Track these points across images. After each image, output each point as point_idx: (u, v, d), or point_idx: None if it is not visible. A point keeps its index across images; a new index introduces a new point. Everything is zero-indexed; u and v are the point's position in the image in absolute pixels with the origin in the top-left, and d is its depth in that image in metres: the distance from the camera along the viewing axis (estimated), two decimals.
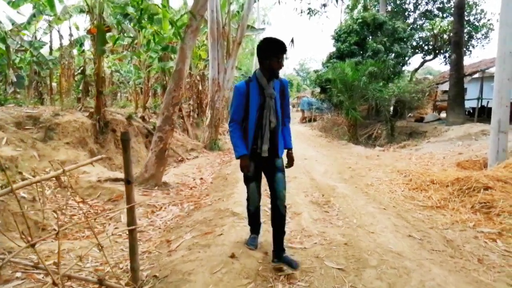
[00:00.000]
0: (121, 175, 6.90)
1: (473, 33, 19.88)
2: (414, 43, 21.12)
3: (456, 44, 12.56)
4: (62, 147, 7.26)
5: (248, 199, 3.40)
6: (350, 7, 23.76)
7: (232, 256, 3.22)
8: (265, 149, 3.03)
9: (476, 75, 15.09)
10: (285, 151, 3.31)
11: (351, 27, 15.76)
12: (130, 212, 2.93)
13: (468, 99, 14.66)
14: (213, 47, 11.73)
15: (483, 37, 19.97)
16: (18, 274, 3.17)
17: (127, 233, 3.21)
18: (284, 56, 2.95)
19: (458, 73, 12.55)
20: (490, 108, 14.53)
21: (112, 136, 8.66)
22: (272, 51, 2.88)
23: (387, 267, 3.15)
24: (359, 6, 23.54)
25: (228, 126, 3.15)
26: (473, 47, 20.05)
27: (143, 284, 2.90)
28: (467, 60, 19.61)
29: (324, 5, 11.91)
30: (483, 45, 21.45)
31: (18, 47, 12.94)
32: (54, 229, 4.60)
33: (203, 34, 15.26)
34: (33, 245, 2.32)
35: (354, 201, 5.54)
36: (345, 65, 13.19)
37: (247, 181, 3.28)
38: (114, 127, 8.80)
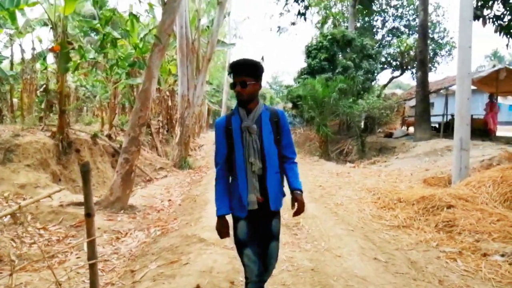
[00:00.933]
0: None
1: (438, 51, 20.84)
2: (383, 59, 21.89)
3: (421, 62, 13.07)
4: (22, 169, 6.94)
5: (245, 273, 2.38)
6: (320, 23, 24.33)
7: (197, 287, 3.13)
8: (251, 200, 2.31)
9: (441, 92, 15.72)
10: (283, 193, 2.54)
11: (321, 43, 16.13)
12: (91, 245, 2.80)
13: (434, 115, 15.21)
14: (182, 63, 11.67)
15: (447, 54, 20.99)
16: None
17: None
18: (250, 79, 2.30)
19: (424, 90, 13.04)
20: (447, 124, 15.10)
21: (76, 156, 8.37)
22: (233, 73, 2.34)
23: None
24: (329, 22, 24.18)
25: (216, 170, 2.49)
26: (438, 63, 21.07)
27: None
28: (432, 77, 20.47)
29: (293, 23, 12.17)
30: (447, 62, 22.49)
31: None
32: (12, 260, 4.35)
33: (173, 49, 15.16)
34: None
35: (323, 223, 5.56)
36: (316, 81, 13.44)
37: (239, 246, 2.39)
38: (78, 147, 8.52)
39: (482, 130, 12.85)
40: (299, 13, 11.64)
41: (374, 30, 22.62)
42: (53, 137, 7.85)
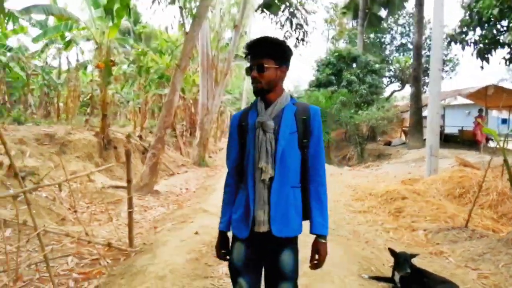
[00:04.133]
0: (120, 183, 8.53)
1: (442, 67, 22.06)
2: (392, 73, 23.24)
3: (415, 78, 14.50)
4: (73, 160, 8.88)
5: None
6: (335, 39, 26.01)
7: (196, 233, 4.84)
8: (259, 219, 1.80)
9: (445, 102, 17.11)
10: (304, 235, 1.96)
11: (328, 59, 17.75)
12: (129, 200, 4.58)
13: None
14: (203, 76, 13.54)
15: (451, 70, 22.14)
16: (52, 242, 4.74)
17: (127, 220, 4.85)
18: (270, 62, 1.79)
19: (417, 104, 14.43)
20: (447, 135, 16.38)
21: (113, 152, 10.29)
22: (250, 55, 1.85)
23: None
24: (344, 37, 25.82)
25: None
26: (442, 78, 22.17)
27: (135, 247, 4.50)
28: None
29: (296, 46, 13.79)
30: (450, 77, 23.51)
31: (32, 71, 14.77)
32: (71, 220, 6.20)
33: (196, 62, 17.15)
34: (75, 211, 4.00)
35: None
36: (319, 94, 15.08)
37: (232, 273, 1.91)
38: (115, 145, 10.45)
39: (471, 141, 14.07)
40: (297, 39, 13.32)
41: (383, 46, 24.02)
42: (96, 136, 9.79)
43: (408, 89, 23.36)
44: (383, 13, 22.66)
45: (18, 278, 3.51)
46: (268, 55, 1.78)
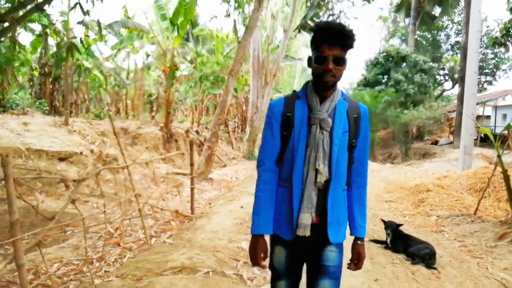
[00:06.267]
0: (181, 171, 10.08)
1: (500, 65, 21.50)
2: (445, 72, 23.05)
3: (462, 79, 14.68)
4: (143, 150, 10.58)
5: None
6: (388, 38, 26.19)
7: (242, 207, 6.10)
8: (304, 222, 1.68)
9: (492, 103, 17.00)
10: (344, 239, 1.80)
11: (377, 59, 18.28)
12: (192, 179, 5.95)
13: (486, 126, 16.52)
14: (253, 77, 14.85)
15: (509, 68, 21.48)
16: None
17: (188, 197, 6.23)
18: (342, 53, 1.61)
19: (463, 104, 14.61)
20: (496, 135, 16.25)
21: (175, 144, 11.94)
22: (317, 43, 1.63)
23: None
24: (397, 35, 25.90)
25: (257, 171, 1.86)
26: (499, 77, 21.70)
27: (196, 214, 5.87)
28: (492, 89, 21.23)
29: None
30: (508, 76, 22.70)
31: (106, 73, 17.00)
32: (144, 196, 7.76)
33: (249, 62, 18.51)
34: (156, 183, 5.41)
35: None
36: (365, 93, 15.76)
37: (273, 275, 1.86)
38: (176, 138, 12.09)
39: None
40: None
41: (437, 44, 23.78)
42: (161, 130, 11.47)
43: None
44: (437, 11, 22.53)
45: (117, 228, 4.99)
46: (346, 46, 1.61)
